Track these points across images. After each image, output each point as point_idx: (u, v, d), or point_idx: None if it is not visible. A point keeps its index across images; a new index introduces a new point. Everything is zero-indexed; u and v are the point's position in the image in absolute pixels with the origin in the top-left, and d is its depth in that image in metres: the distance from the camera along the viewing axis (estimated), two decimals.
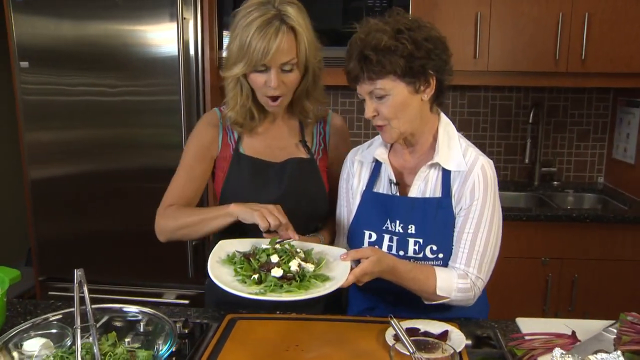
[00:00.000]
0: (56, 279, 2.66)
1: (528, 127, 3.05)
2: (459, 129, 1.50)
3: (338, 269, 1.27)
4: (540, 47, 2.65)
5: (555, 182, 3.09)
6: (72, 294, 1.16)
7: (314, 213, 1.57)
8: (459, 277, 1.37)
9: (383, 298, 1.49)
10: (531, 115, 2.96)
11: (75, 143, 2.51)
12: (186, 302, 2.57)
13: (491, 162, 1.43)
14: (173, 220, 1.49)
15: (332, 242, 1.59)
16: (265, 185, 1.51)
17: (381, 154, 1.47)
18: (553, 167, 3.10)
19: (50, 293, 2.65)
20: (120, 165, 2.51)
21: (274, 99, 1.45)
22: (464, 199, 1.39)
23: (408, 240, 1.40)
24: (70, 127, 2.51)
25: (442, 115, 1.47)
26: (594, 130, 3.12)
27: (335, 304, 1.62)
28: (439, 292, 1.36)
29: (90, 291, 1.19)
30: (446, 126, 1.44)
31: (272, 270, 1.20)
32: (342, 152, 1.62)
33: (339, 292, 1.26)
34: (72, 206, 2.58)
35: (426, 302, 1.40)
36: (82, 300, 1.15)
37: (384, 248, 1.42)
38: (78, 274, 1.19)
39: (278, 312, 1.48)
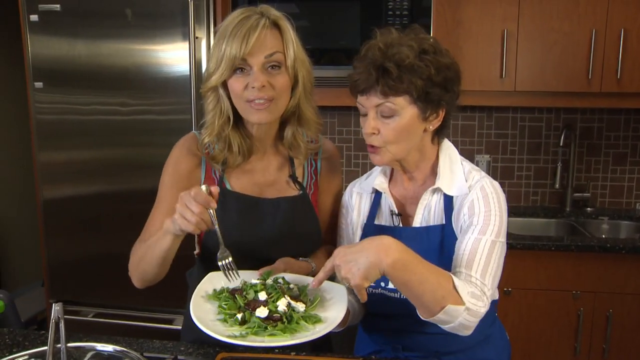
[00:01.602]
0: (69, 301, 2.61)
1: (559, 150, 2.89)
2: (485, 152, 1.39)
3: (333, 309, 1.17)
4: (572, 65, 2.51)
5: (589, 209, 2.90)
6: (83, 318, 1.08)
7: (308, 253, 1.43)
8: (465, 281, 1.19)
9: (391, 341, 1.37)
10: (562, 137, 2.80)
11: (88, 163, 2.48)
12: None
13: (496, 183, 1.30)
14: (132, 256, 1.35)
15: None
16: (256, 224, 1.36)
17: (381, 183, 1.37)
18: (586, 192, 2.92)
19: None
20: (133, 185, 2.46)
21: (260, 104, 1.25)
22: (462, 217, 1.26)
23: None
24: (83, 147, 2.47)
25: (445, 140, 1.36)
26: (632, 153, 2.93)
27: (324, 345, 1.49)
28: (458, 289, 1.12)
29: (101, 315, 1.11)
30: (447, 150, 1.34)
31: (257, 310, 1.09)
32: (333, 183, 1.50)
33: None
34: (85, 227, 2.53)
35: (432, 319, 1.16)
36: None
37: (390, 284, 1.30)
38: (56, 309, 1.11)
39: (277, 350, 1.37)
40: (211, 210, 1.13)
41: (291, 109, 1.35)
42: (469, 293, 1.15)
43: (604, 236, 2.75)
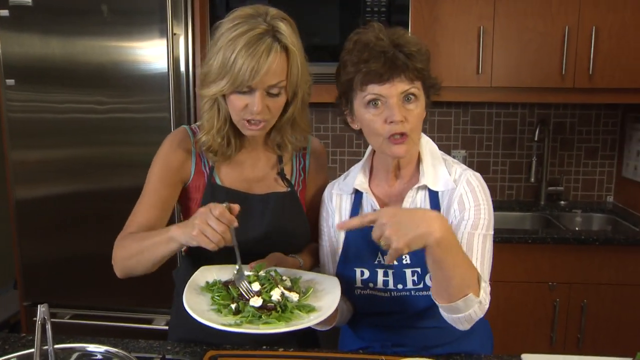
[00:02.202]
0: (43, 303, 2.55)
1: (534, 144, 2.95)
2: (461, 147, 1.40)
3: (326, 299, 1.17)
4: (546, 62, 2.56)
5: (562, 202, 2.97)
6: (58, 321, 1.06)
7: (296, 250, 1.44)
8: None
9: (378, 337, 1.37)
10: (537, 132, 2.85)
11: (62, 162, 2.43)
12: None
13: (478, 175, 1.31)
14: (122, 249, 1.31)
15: (313, 265, 1.48)
16: (245, 221, 1.34)
17: (361, 183, 1.35)
18: (560, 186, 2.98)
19: (35, 319, 2.53)
20: (110, 184, 2.42)
21: (254, 124, 1.28)
22: (452, 212, 1.27)
23: (405, 272, 1.29)
24: (57, 146, 2.42)
25: (423, 135, 1.35)
26: (603, 147, 3.01)
27: (311, 341, 1.50)
28: (480, 282, 1.15)
29: (78, 317, 1.08)
30: (427, 145, 1.34)
31: (251, 300, 1.09)
32: (320, 179, 1.50)
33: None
34: (59, 228, 2.48)
35: (447, 305, 1.16)
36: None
37: (380, 284, 1.31)
38: (42, 310, 1.09)
39: (265, 347, 1.37)
40: (232, 229, 1.12)
41: (286, 119, 1.35)
42: (484, 288, 1.17)
43: (577, 228, 2.82)
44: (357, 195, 1.37)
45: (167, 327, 2.48)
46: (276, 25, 1.23)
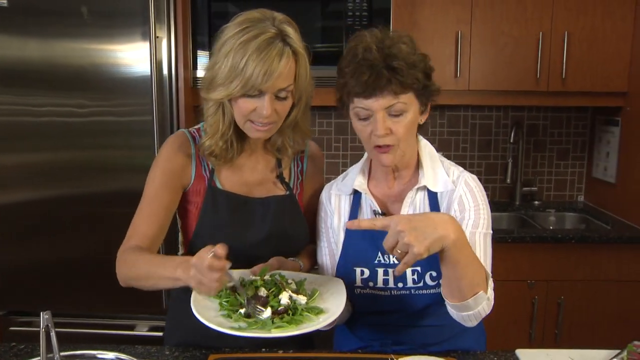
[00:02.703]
0: (19, 312, 2.50)
1: (509, 146, 3.02)
2: (438, 149, 1.44)
3: (332, 300, 1.19)
4: (521, 66, 2.63)
5: (536, 202, 3.06)
6: (36, 329, 1.04)
7: (295, 253, 1.45)
8: None
9: (377, 336, 1.39)
10: (512, 134, 2.93)
11: (41, 166, 2.37)
12: (160, 334, 2.44)
13: (475, 176, 1.36)
14: (127, 268, 1.29)
15: (311, 267, 1.49)
16: (246, 225, 1.37)
17: (360, 184, 1.37)
18: (534, 186, 3.07)
19: (11, 329, 2.48)
20: (90, 189, 2.37)
21: (261, 126, 1.28)
22: (453, 213, 1.30)
23: (405, 271, 1.31)
24: (36, 150, 2.36)
25: (420, 137, 1.40)
26: (573, 149, 3.11)
27: (307, 343, 1.51)
28: (488, 279, 1.19)
29: (55, 325, 1.06)
30: (426, 147, 1.38)
31: (262, 313, 1.10)
32: (317, 181, 1.52)
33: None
34: (37, 234, 2.42)
35: (458, 304, 1.18)
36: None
37: (380, 283, 1.33)
38: (45, 317, 1.07)
39: (264, 349, 1.38)
40: (227, 271, 1.10)
41: (289, 122, 1.36)
42: (490, 286, 1.21)
43: (551, 227, 2.91)
44: (356, 195, 1.39)
45: (151, 333, 2.47)
46: (284, 29, 1.24)
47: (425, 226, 1.05)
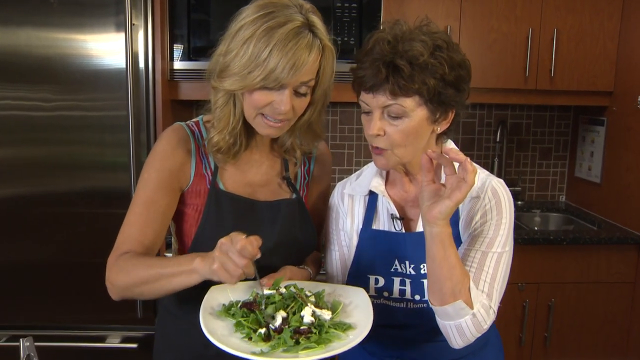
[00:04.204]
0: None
1: (493, 145, 2.97)
2: None
3: (357, 313, 1.07)
4: (510, 63, 2.57)
5: (520, 202, 3.02)
6: None
7: (301, 260, 1.31)
8: (478, 292, 1.13)
9: (391, 352, 1.28)
10: (498, 133, 2.87)
11: (3, 163, 2.17)
12: (134, 345, 2.27)
13: (502, 182, 1.24)
14: (125, 274, 1.12)
15: (316, 275, 1.35)
16: (254, 231, 1.19)
17: (378, 185, 1.26)
18: (517, 186, 3.03)
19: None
20: (58, 188, 2.19)
21: (275, 122, 1.15)
22: (474, 223, 1.19)
23: (423, 282, 1.21)
24: None
25: (449, 140, 1.28)
26: (556, 148, 3.08)
27: None
28: (472, 292, 1.08)
29: (14, 338, 0.91)
30: None
31: (283, 332, 0.97)
32: (324, 183, 1.40)
33: None
34: (0, 236, 2.22)
35: (439, 308, 1.11)
36: None
37: (395, 293, 1.22)
38: (26, 344, 0.91)
39: None
40: (254, 262, 0.99)
41: (302, 122, 1.23)
42: (481, 303, 1.10)
43: (536, 228, 2.87)
44: (372, 197, 1.28)
45: (124, 345, 2.29)
46: (312, 19, 1.10)
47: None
